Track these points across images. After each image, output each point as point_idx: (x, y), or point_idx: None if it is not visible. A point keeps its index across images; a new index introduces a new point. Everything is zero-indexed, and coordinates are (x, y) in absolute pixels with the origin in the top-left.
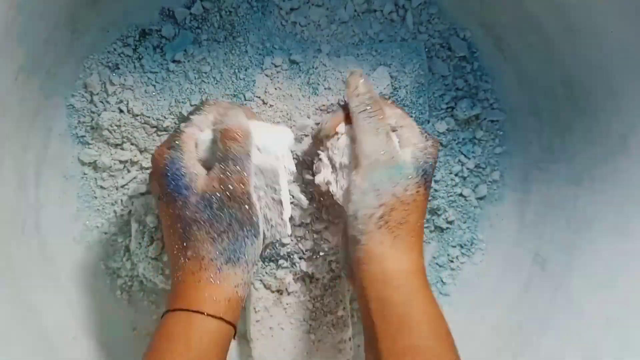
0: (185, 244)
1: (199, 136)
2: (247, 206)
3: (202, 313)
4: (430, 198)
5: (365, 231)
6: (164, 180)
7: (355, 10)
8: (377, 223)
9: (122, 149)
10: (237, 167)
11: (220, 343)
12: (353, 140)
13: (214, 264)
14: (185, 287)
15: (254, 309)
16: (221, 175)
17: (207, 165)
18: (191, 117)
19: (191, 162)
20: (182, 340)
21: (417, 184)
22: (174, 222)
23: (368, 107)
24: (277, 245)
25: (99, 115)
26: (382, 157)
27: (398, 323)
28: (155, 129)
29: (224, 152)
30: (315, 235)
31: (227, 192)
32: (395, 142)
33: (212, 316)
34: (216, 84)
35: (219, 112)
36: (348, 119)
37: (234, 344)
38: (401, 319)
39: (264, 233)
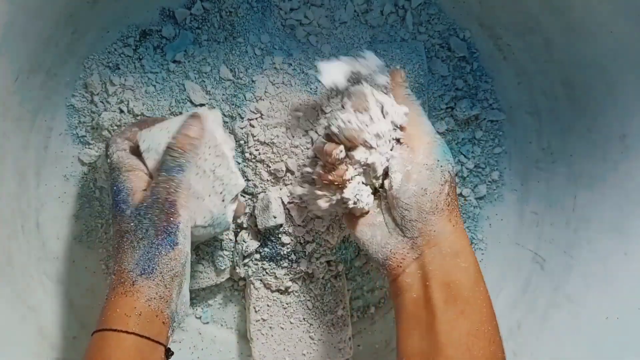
0: (115, 258)
1: (147, 145)
2: (167, 213)
3: (114, 330)
4: None
5: (437, 210)
6: (111, 196)
7: (355, 11)
8: (446, 199)
9: None
10: (167, 177)
11: (139, 358)
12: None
13: (130, 276)
14: (106, 304)
15: (254, 309)
16: (154, 183)
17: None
18: (117, 138)
19: (126, 177)
20: (97, 358)
21: (453, 161)
22: (113, 235)
23: (410, 95)
24: (276, 244)
25: (99, 115)
26: (437, 136)
27: (462, 306)
28: None
29: (161, 162)
30: (315, 235)
31: (154, 198)
32: None
33: (124, 332)
34: (216, 84)
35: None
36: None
37: (234, 344)
38: (466, 301)
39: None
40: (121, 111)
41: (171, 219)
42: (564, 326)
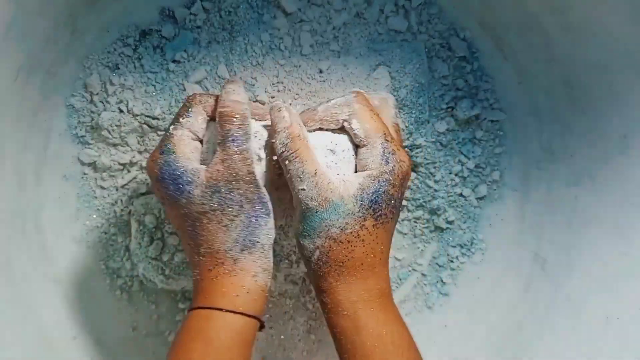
0: (196, 241)
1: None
2: (254, 185)
3: (221, 309)
4: (430, 198)
5: (310, 269)
6: (162, 185)
7: (355, 11)
8: (316, 263)
9: (122, 149)
10: (238, 147)
11: (242, 338)
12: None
13: (229, 255)
14: (204, 285)
15: None
16: (224, 157)
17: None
18: (181, 120)
19: (187, 161)
20: (200, 338)
21: (359, 219)
22: (181, 222)
23: (285, 150)
24: (276, 245)
25: (98, 115)
26: (311, 203)
27: (352, 350)
28: (155, 129)
29: (223, 134)
30: None
31: (233, 173)
32: (330, 177)
33: (231, 311)
34: (216, 84)
35: (210, 105)
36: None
37: None
38: (354, 345)
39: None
40: (120, 111)
41: (259, 188)
42: (564, 326)
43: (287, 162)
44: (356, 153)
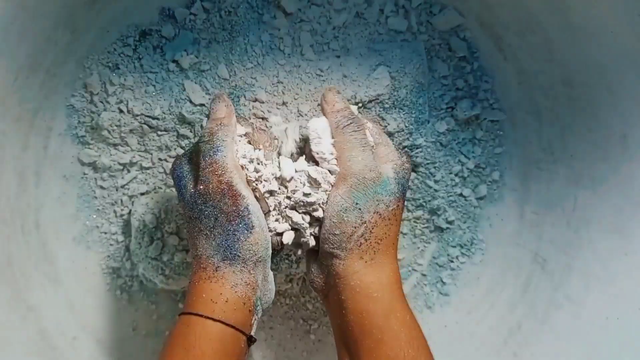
0: (190, 243)
1: None
2: (229, 197)
3: (200, 315)
4: (430, 198)
5: (346, 248)
6: (173, 181)
7: (355, 11)
8: (357, 241)
9: (122, 149)
10: (208, 160)
11: (223, 348)
12: (336, 155)
13: (212, 261)
14: (190, 288)
15: None
16: (199, 172)
17: None
18: None
19: (189, 166)
20: (181, 344)
21: (397, 199)
22: (184, 221)
23: (352, 122)
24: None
25: (98, 115)
26: (370, 174)
27: (378, 334)
28: (155, 129)
29: (196, 150)
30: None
31: (205, 185)
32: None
33: (210, 318)
34: (216, 83)
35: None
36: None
37: None
38: (381, 329)
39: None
40: (120, 111)
41: (238, 201)
42: (564, 326)
43: (351, 132)
44: None
